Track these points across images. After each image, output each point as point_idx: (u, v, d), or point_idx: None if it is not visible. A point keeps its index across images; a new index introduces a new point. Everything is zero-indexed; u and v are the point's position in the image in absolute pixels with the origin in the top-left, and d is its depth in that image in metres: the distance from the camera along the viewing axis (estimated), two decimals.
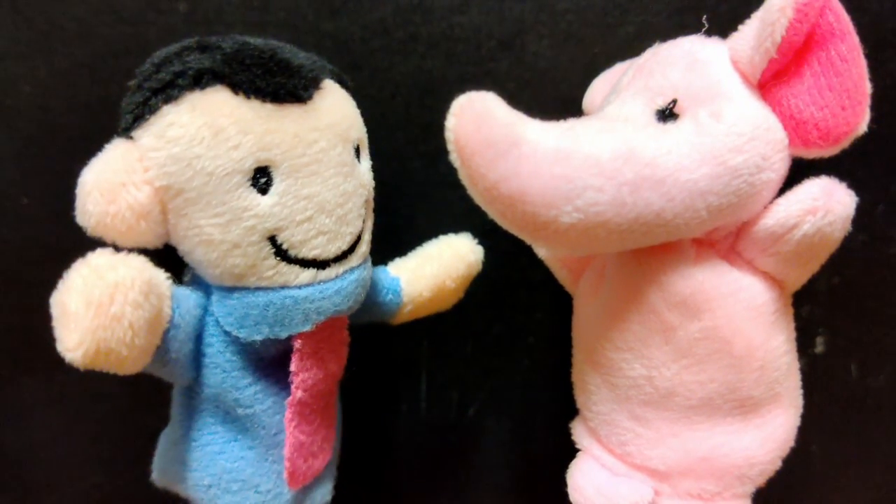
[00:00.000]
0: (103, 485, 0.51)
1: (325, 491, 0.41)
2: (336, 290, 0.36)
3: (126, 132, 0.33)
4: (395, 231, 0.50)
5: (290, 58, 0.35)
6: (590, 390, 0.41)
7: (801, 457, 0.40)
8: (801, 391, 0.40)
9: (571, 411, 0.46)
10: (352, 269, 0.37)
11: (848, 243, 0.49)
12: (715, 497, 0.38)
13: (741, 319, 0.36)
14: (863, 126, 0.34)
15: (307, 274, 0.35)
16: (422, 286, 0.44)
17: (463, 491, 0.56)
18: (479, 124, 0.31)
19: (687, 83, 0.35)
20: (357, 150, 0.38)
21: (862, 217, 0.48)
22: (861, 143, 0.46)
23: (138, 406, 0.49)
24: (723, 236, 0.37)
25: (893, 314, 0.52)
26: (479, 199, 0.33)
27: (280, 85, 0.33)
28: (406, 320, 0.45)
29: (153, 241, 0.34)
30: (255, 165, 0.33)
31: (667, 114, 0.35)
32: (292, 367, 0.36)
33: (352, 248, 0.37)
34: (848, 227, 0.35)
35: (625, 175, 0.32)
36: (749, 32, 0.35)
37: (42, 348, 0.33)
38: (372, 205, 0.40)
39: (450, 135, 0.32)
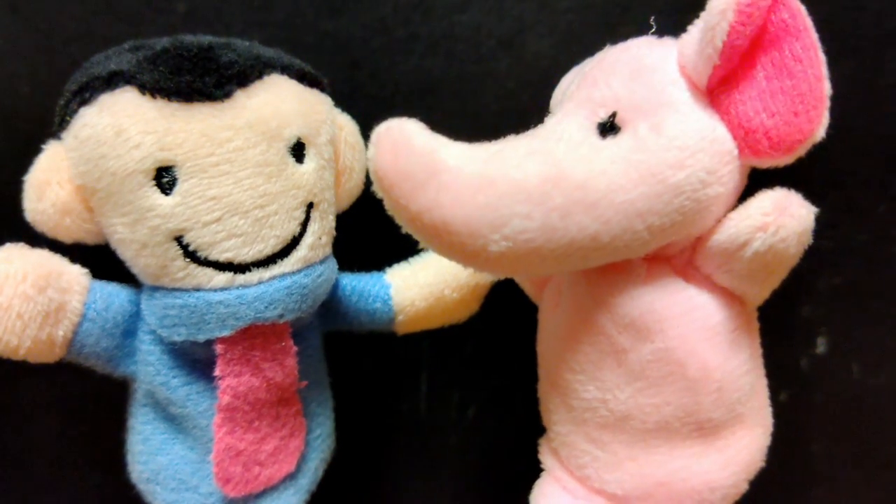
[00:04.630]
0: (103, 485, 0.51)
1: (285, 503, 0.40)
2: (257, 296, 0.34)
3: (56, 133, 0.35)
4: (393, 233, 0.50)
5: (219, 55, 0.34)
6: (550, 410, 0.40)
7: (801, 457, 0.40)
8: (769, 409, 0.39)
9: None
10: (284, 276, 0.35)
11: (849, 243, 0.49)
12: None
13: (695, 340, 0.34)
14: (819, 132, 0.31)
15: (222, 277, 0.34)
16: (413, 295, 0.42)
17: (463, 491, 0.56)
18: (396, 155, 0.30)
19: (629, 93, 0.33)
20: (297, 150, 0.36)
21: (863, 217, 0.49)
22: (861, 143, 0.46)
23: None
24: (678, 251, 0.35)
25: (895, 314, 0.52)
26: (406, 229, 0.32)
27: (187, 83, 0.33)
28: (413, 330, 0.44)
29: (87, 237, 0.36)
30: (155, 165, 0.33)
31: (607, 127, 0.33)
32: (217, 372, 0.35)
33: (284, 253, 0.35)
34: (807, 240, 0.33)
35: (554, 200, 0.30)
36: (694, 35, 0.32)
37: None
38: (324, 207, 0.38)
39: (370, 165, 0.31)
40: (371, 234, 0.49)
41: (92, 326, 0.36)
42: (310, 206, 0.37)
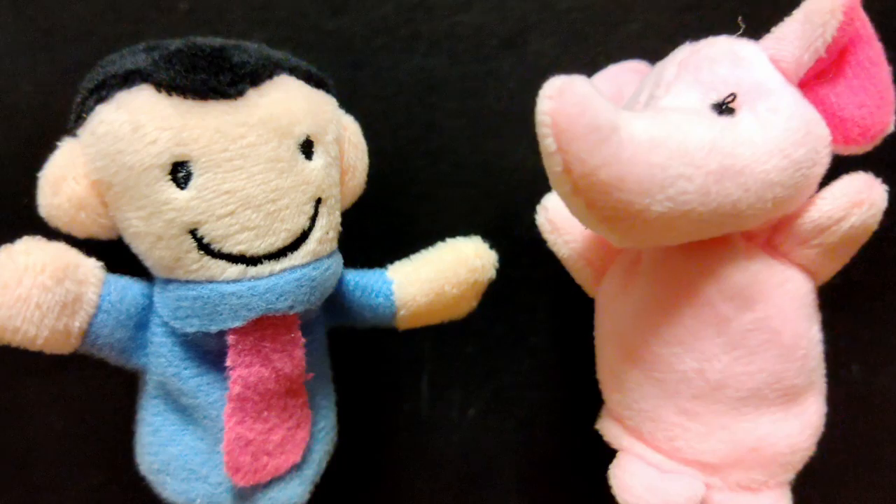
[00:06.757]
0: (103, 485, 0.51)
1: (292, 493, 0.40)
2: (268, 287, 0.35)
3: (72, 130, 0.36)
4: (396, 231, 0.50)
5: (231, 55, 0.35)
6: (629, 388, 0.41)
7: None
8: (825, 378, 0.42)
9: (573, 411, 0.46)
10: (294, 268, 0.36)
11: None
12: (762, 486, 0.39)
13: (790, 309, 0.37)
14: (892, 125, 0.36)
15: (235, 269, 0.35)
16: (415, 290, 0.43)
17: (464, 491, 0.56)
18: (584, 108, 0.30)
19: (737, 78, 0.36)
20: (306, 147, 0.37)
21: None
22: None
23: None
24: (761, 230, 0.38)
25: (895, 314, 0.52)
26: (568, 188, 0.32)
27: (202, 81, 0.34)
28: (413, 326, 0.44)
29: (101, 232, 0.36)
30: (172, 160, 0.33)
31: (723, 108, 0.35)
32: (228, 362, 0.36)
33: (294, 246, 0.36)
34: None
35: (710, 165, 0.32)
36: (791, 33, 0.36)
37: None
38: (331, 203, 0.39)
39: (545, 118, 0.30)
40: (372, 232, 0.49)
41: (107, 318, 0.36)
42: (318, 201, 0.37)
